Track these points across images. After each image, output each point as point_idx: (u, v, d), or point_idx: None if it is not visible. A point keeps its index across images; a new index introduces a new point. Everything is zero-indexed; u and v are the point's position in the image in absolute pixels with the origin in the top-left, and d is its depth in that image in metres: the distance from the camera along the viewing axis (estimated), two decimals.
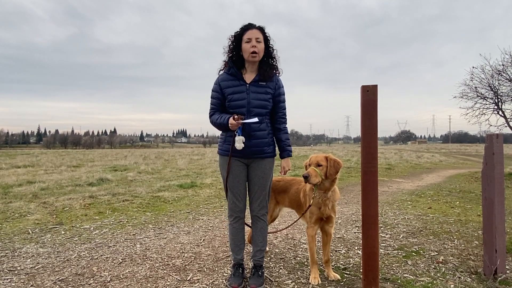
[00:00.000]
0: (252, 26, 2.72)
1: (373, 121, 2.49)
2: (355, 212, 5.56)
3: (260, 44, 2.69)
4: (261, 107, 2.73)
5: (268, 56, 2.80)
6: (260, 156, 2.78)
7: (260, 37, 2.70)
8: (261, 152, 2.77)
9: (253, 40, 2.66)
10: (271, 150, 2.85)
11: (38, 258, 3.49)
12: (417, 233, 4.26)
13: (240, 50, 2.74)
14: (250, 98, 2.70)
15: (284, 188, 3.37)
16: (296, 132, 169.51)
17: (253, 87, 2.73)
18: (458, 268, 3.13)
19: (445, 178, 11.07)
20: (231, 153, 2.75)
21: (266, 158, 2.82)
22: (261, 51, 2.71)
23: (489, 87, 12.06)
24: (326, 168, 2.79)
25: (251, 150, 2.73)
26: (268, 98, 2.76)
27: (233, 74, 2.77)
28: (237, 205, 2.86)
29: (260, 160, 2.80)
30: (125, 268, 3.23)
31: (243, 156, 2.76)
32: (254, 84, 2.74)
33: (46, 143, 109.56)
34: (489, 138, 2.92)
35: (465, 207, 5.96)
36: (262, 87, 2.74)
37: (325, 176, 2.79)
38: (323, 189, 2.85)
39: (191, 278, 2.97)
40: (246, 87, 2.74)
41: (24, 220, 4.99)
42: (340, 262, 3.32)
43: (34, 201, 6.34)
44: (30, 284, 2.88)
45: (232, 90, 2.75)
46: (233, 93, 2.74)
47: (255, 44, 2.66)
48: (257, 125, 2.72)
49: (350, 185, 9.11)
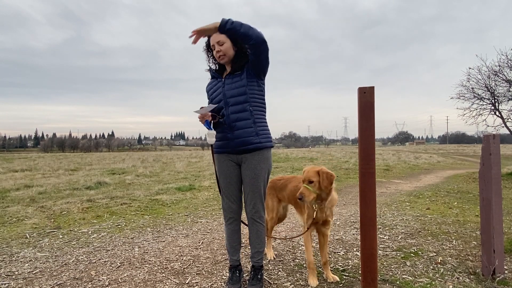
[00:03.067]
0: None
1: (371, 123, 2.50)
2: (353, 213, 5.56)
3: (223, 45, 2.64)
4: (238, 95, 2.67)
5: (240, 48, 2.71)
6: (248, 148, 2.67)
7: (221, 39, 2.64)
8: (246, 142, 2.66)
9: (216, 45, 2.66)
10: (260, 140, 2.68)
11: (36, 262, 3.48)
12: (415, 234, 4.27)
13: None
14: (225, 90, 2.72)
15: (283, 186, 3.40)
16: (294, 133, 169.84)
17: (228, 80, 2.74)
18: (456, 268, 3.13)
19: (443, 179, 11.10)
20: (212, 149, 2.83)
21: (255, 152, 2.69)
22: (227, 51, 2.66)
23: (485, 87, 12.12)
24: (319, 183, 2.77)
25: (235, 142, 2.68)
26: (244, 84, 2.67)
27: (214, 76, 2.88)
28: (231, 206, 2.85)
29: (249, 158, 2.70)
30: (124, 271, 3.21)
31: (230, 151, 2.73)
32: (228, 76, 2.75)
33: (43, 146, 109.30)
34: (486, 139, 2.94)
35: (463, 208, 5.98)
36: (236, 76, 2.71)
37: (319, 190, 2.78)
38: (320, 199, 2.85)
39: (190, 281, 2.97)
40: (222, 82, 2.77)
41: (21, 225, 4.97)
42: (339, 263, 3.32)
43: (31, 205, 6.31)
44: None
45: (212, 90, 2.85)
46: (212, 92, 2.83)
47: (218, 49, 2.66)
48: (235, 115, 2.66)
49: (348, 186, 9.12)
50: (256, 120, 2.70)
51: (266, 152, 2.75)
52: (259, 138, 2.68)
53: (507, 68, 11.42)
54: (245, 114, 2.67)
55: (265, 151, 2.74)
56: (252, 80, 2.70)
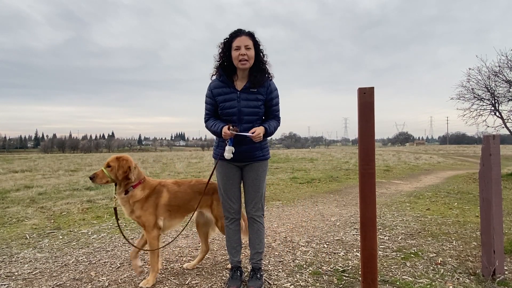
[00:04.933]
0: (241, 32, 2.67)
1: (370, 123, 2.50)
2: (353, 214, 5.56)
3: (249, 51, 2.65)
4: (252, 114, 2.72)
5: (258, 62, 2.74)
6: (252, 160, 2.80)
7: (250, 44, 2.65)
8: (252, 156, 2.78)
9: (242, 47, 2.62)
10: (263, 154, 2.84)
11: (35, 263, 3.47)
12: (415, 235, 4.26)
13: (230, 57, 2.70)
14: (241, 106, 2.69)
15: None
16: (294, 134, 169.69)
17: (244, 94, 2.71)
18: (456, 269, 3.13)
19: (443, 180, 11.09)
20: (219, 158, 2.77)
21: (259, 161, 2.83)
22: (251, 58, 2.67)
23: (486, 88, 12.11)
24: (116, 168, 2.80)
25: (242, 155, 2.75)
26: (259, 105, 2.73)
27: (224, 81, 2.76)
28: (232, 206, 2.87)
29: (252, 163, 2.81)
30: (123, 272, 3.21)
31: (235, 160, 2.76)
32: (245, 91, 2.71)
33: (43, 147, 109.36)
34: (486, 139, 2.93)
35: (464, 208, 5.97)
36: (253, 94, 2.71)
37: (114, 176, 2.80)
38: (120, 190, 2.88)
39: (190, 282, 2.97)
40: (237, 94, 2.71)
41: (21, 225, 4.97)
42: (339, 264, 3.32)
43: (31, 206, 6.31)
44: None
45: (223, 98, 2.73)
46: (224, 101, 2.73)
47: (244, 52, 2.62)
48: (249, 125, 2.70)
49: (348, 187, 9.12)
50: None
51: (267, 161, 2.92)
52: (263, 152, 2.84)
53: (507, 69, 11.42)
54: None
55: (266, 161, 2.92)
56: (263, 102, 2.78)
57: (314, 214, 5.69)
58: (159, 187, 3.00)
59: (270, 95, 2.78)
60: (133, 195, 2.87)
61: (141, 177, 2.96)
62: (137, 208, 2.88)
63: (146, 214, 2.88)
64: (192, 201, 3.07)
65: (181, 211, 3.09)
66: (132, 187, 2.88)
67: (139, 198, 2.88)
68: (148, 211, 2.89)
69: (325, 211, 5.88)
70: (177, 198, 3.03)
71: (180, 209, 3.07)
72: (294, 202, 6.85)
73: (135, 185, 2.89)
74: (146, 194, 2.91)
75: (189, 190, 3.08)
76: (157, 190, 2.97)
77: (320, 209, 6.12)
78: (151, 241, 2.93)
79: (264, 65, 2.78)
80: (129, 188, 2.87)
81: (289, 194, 7.89)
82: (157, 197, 2.95)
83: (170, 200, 3.00)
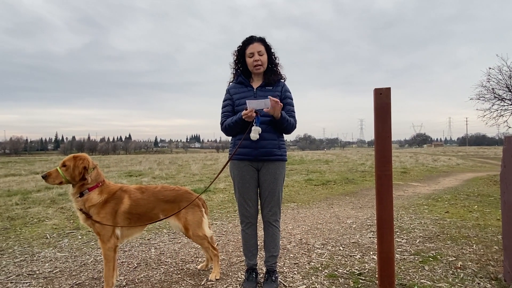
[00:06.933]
0: (253, 39, 2.79)
1: (387, 124, 2.47)
2: (369, 216, 5.49)
3: (263, 56, 2.78)
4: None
5: (271, 65, 2.87)
6: (270, 159, 2.76)
7: (262, 49, 2.78)
8: (269, 153, 2.75)
9: (256, 54, 2.75)
10: (281, 153, 2.82)
11: (56, 262, 3.56)
12: (434, 238, 4.18)
13: (245, 63, 2.84)
14: None
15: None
16: (309, 136, 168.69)
17: (261, 92, 2.79)
18: (477, 273, 3.05)
19: (463, 182, 10.84)
20: (234, 152, 2.77)
21: (276, 162, 2.79)
22: (264, 63, 2.80)
23: (507, 88, 11.79)
24: (71, 168, 2.61)
25: (259, 151, 2.72)
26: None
27: (241, 82, 2.87)
28: (248, 210, 2.86)
29: (269, 164, 2.78)
30: (140, 272, 3.26)
31: (252, 159, 2.75)
32: (261, 89, 2.81)
33: (63, 149, 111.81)
34: (507, 140, 2.86)
35: (484, 211, 5.82)
36: (269, 91, 2.77)
37: (69, 176, 2.62)
38: (74, 191, 2.68)
39: (205, 283, 2.98)
40: (253, 91, 2.81)
41: (42, 225, 5.11)
42: (355, 267, 3.28)
43: (52, 206, 6.48)
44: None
45: (239, 96, 2.83)
46: (241, 98, 2.81)
47: (258, 58, 2.75)
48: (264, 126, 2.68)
49: (364, 189, 9.01)
50: (279, 135, 2.84)
51: (284, 163, 2.89)
52: (281, 151, 2.83)
53: None
54: (272, 127, 2.76)
55: (283, 163, 2.89)
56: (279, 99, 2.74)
57: (330, 216, 5.64)
58: (119, 192, 2.77)
59: (284, 94, 2.85)
60: (89, 199, 2.65)
61: (100, 180, 2.75)
62: (93, 213, 2.64)
63: (102, 221, 2.65)
64: (155, 209, 2.88)
65: (143, 220, 2.87)
66: (88, 190, 2.66)
67: (95, 202, 2.65)
68: (105, 218, 2.66)
69: (340, 213, 5.83)
70: (139, 206, 2.81)
71: (142, 217, 2.85)
72: (309, 204, 6.81)
73: (91, 188, 2.67)
74: (103, 199, 2.68)
75: (152, 198, 2.87)
76: (117, 196, 2.74)
77: (336, 211, 6.07)
78: (106, 252, 2.69)
79: (277, 67, 2.90)
80: (85, 191, 2.66)
81: (304, 196, 7.85)
82: (116, 203, 2.72)
83: (131, 208, 2.77)
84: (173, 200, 2.94)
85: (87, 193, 2.66)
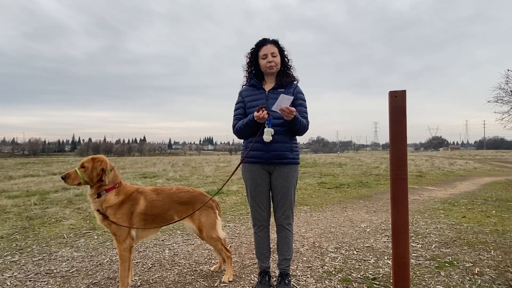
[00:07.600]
0: (266, 41, 2.81)
1: (402, 127, 2.44)
2: (384, 220, 5.43)
3: (276, 57, 2.79)
4: None
5: (284, 66, 2.88)
6: (282, 162, 2.75)
7: (275, 51, 2.79)
8: (282, 156, 2.74)
9: (269, 55, 2.77)
10: (293, 156, 2.80)
11: (72, 261, 3.64)
12: (450, 243, 4.10)
13: (258, 65, 2.85)
14: (269, 104, 2.72)
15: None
16: (322, 138, 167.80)
17: (272, 94, 2.79)
18: (495, 280, 2.98)
19: (480, 186, 10.59)
20: (246, 155, 2.78)
21: (288, 165, 2.77)
22: (277, 64, 2.81)
23: None
24: (89, 169, 2.65)
25: (271, 154, 2.72)
26: None
27: (253, 85, 2.88)
28: (260, 213, 2.87)
29: (282, 167, 2.76)
30: (155, 273, 3.30)
31: (264, 162, 2.75)
32: (273, 91, 2.81)
33: (80, 151, 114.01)
34: None
35: (502, 217, 5.68)
36: (281, 93, 2.74)
37: (88, 177, 2.66)
38: (92, 192, 2.72)
39: (218, 284, 3.00)
40: (265, 94, 2.82)
41: (59, 225, 5.22)
42: (369, 272, 3.25)
43: (69, 206, 6.61)
44: (65, 286, 3.01)
45: (251, 98, 2.85)
46: (252, 101, 2.83)
47: (271, 59, 2.77)
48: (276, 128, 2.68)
49: (379, 193, 8.90)
50: (291, 137, 2.82)
51: (296, 166, 2.87)
52: (293, 154, 2.81)
53: None
54: (285, 129, 2.75)
55: (296, 166, 2.87)
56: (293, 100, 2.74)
57: (343, 220, 5.60)
58: (135, 194, 2.82)
59: (297, 95, 2.83)
60: (106, 200, 2.70)
61: (117, 181, 2.80)
62: (110, 214, 2.70)
63: (118, 222, 2.70)
64: (170, 210, 2.92)
65: (158, 221, 2.91)
66: (105, 191, 2.72)
67: (112, 203, 2.70)
68: (121, 219, 2.71)
69: (354, 217, 5.77)
70: (155, 207, 2.85)
71: (157, 219, 2.89)
72: (323, 207, 6.77)
73: (109, 189, 2.73)
74: (120, 200, 2.73)
75: (167, 199, 2.91)
76: (133, 197, 2.80)
77: (349, 215, 6.02)
78: (122, 252, 2.75)
79: (290, 69, 2.91)
80: (102, 192, 2.71)
81: (317, 199, 7.81)
82: (132, 204, 2.77)
83: (146, 209, 2.82)
84: (187, 202, 2.97)
85: (105, 194, 2.72)
